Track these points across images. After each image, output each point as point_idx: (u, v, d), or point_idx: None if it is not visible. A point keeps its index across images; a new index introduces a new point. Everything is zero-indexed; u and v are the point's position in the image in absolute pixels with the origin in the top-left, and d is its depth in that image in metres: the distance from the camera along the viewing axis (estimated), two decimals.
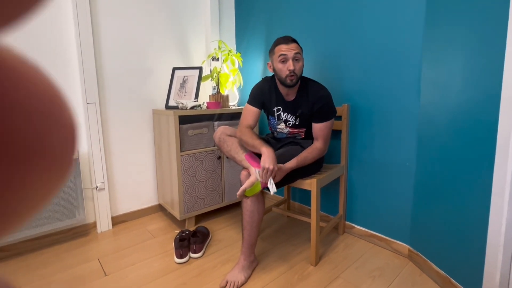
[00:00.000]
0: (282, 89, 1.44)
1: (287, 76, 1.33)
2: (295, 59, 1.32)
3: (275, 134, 1.59)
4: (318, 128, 1.41)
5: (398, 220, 1.51)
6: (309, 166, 1.42)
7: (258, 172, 1.24)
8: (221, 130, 1.45)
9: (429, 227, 1.32)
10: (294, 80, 1.34)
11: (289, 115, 1.47)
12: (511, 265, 0.99)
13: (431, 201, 1.30)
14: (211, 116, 1.89)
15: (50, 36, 1.57)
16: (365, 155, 1.61)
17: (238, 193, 1.22)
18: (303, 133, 1.51)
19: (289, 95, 1.44)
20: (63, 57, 1.62)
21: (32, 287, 1.27)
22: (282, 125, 1.51)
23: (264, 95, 1.48)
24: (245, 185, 1.21)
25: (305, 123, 1.47)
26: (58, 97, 0.10)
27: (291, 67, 1.31)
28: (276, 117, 1.51)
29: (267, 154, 1.23)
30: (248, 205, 1.30)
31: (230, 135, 1.43)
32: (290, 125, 1.49)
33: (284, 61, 1.32)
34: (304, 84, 1.44)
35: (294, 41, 1.34)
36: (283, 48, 1.32)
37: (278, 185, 1.33)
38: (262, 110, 1.53)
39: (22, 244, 1.57)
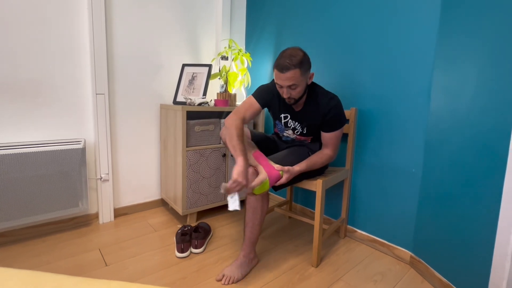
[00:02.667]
0: None
1: (284, 98, 1.30)
2: (290, 88, 1.24)
3: (282, 137, 1.59)
4: (328, 137, 1.40)
5: (401, 226, 1.50)
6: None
7: (224, 185, 1.14)
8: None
9: (433, 234, 1.31)
10: (292, 102, 1.31)
11: (297, 123, 1.43)
12: None
13: (436, 208, 1.30)
14: (218, 113, 1.90)
15: (64, 27, 1.59)
16: (371, 160, 1.61)
17: (247, 190, 1.21)
18: (310, 139, 1.50)
19: (297, 105, 1.39)
20: (75, 47, 1.63)
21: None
22: (290, 132, 1.49)
23: (273, 97, 1.42)
24: (254, 182, 1.20)
25: (312, 132, 1.44)
26: None
27: (285, 96, 1.27)
28: (283, 124, 1.47)
29: (240, 165, 1.17)
30: (252, 202, 1.30)
31: None
32: (298, 133, 1.46)
33: (280, 87, 1.28)
34: (313, 93, 1.37)
35: (289, 68, 1.18)
36: (277, 77, 1.24)
37: (284, 185, 1.32)
38: (267, 110, 1.52)
39: (24, 231, 1.57)
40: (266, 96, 1.41)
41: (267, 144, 1.54)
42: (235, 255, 1.47)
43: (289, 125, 1.46)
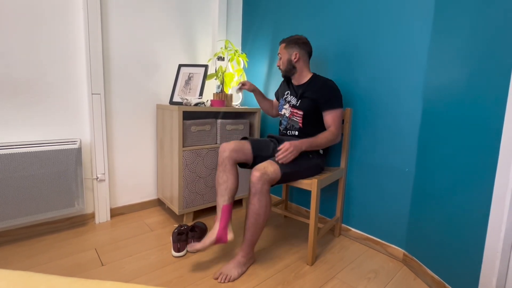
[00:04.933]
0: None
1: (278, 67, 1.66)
2: (278, 57, 1.64)
3: (280, 118, 1.71)
4: (329, 116, 1.49)
5: (394, 225, 1.52)
6: (310, 167, 1.44)
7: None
8: (230, 149, 1.42)
9: (426, 232, 1.33)
10: (282, 73, 1.66)
11: (293, 97, 1.63)
12: (508, 271, 1.00)
13: (428, 207, 1.32)
14: (214, 114, 1.91)
15: (60, 26, 1.59)
16: (365, 159, 1.64)
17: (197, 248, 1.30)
18: (301, 120, 1.56)
19: (298, 82, 1.63)
20: (71, 46, 1.63)
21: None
22: (286, 106, 1.65)
23: (281, 87, 1.78)
24: (199, 246, 1.29)
25: (304, 106, 1.54)
26: None
27: (277, 64, 1.66)
28: (284, 99, 1.69)
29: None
30: (255, 208, 1.29)
31: (235, 161, 1.42)
32: (292, 105, 1.61)
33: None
34: (316, 77, 1.58)
35: (281, 42, 1.63)
36: None
37: (280, 181, 1.35)
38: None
39: (20, 231, 1.57)
40: (277, 91, 1.84)
41: (266, 148, 1.54)
42: (231, 254, 1.48)
43: (287, 100, 1.66)
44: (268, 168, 1.31)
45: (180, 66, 2.03)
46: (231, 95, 2.08)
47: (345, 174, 1.71)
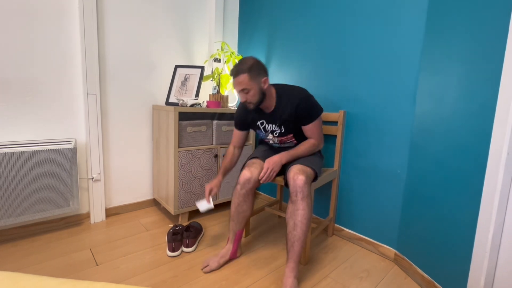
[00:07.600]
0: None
1: (245, 103, 1.36)
2: (243, 92, 1.31)
3: (270, 144, 1.58)
4: (309, 129, 1.41)
5: (386, 225, 1.55)
6: (321, 164, 1.48)
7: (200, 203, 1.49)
8: (255, 179, 1.39)
9: (416, 233, 1.36)
10: (251, 106, 1.36)
11: (273, 125, 1.44)
12: (496, 270, 1.03)
13: (419, 208, 1.35)
14: (210, 115, 1.92)
15: (55, 26, 1.59)
16: (358, 161, 1.66)
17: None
18: (294, 139, 1.49)
19: (268, 107, 1.41)
20: (66, 46, 1.64)
21: (22, 273, 1.27)
22: (270, 136, 1.50)
23: (246, 116, 1.50)
24: (213, 264, 1.37)
25: (290, 128, 1.43)
26: None
27: (242, 100, 1.33)
28: (262, 129, 1.50)
29: (216, 179, 1.50)
30: (305, 213, 1.23)
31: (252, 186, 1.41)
32: (277, 134, 1.46)
33: (238, 92, 1.34)
34: (282, 92, 1.41)
35: (238, 72, 1.27)
36: (233, 82, 1.33)
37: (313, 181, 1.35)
38: (250, 129, 1.64)
39: (14, 231, 1.56)
40: (240, 121, 1.54)
41: (268, 155, 1.54)
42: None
43: (267, 129, 1.47)
44: (306, 170, 1.28)
45: (176, 67, 2.04)
46: (227, 96, 2.10)
47: (339, 175, 1.74)
